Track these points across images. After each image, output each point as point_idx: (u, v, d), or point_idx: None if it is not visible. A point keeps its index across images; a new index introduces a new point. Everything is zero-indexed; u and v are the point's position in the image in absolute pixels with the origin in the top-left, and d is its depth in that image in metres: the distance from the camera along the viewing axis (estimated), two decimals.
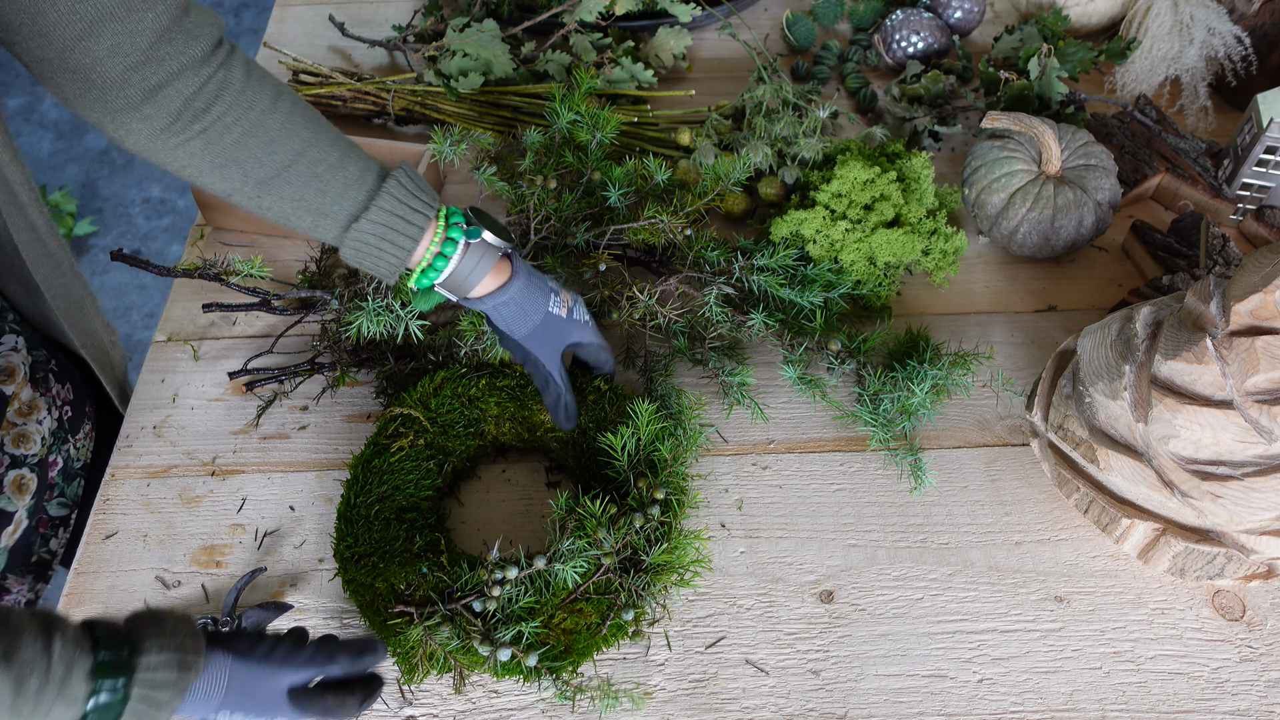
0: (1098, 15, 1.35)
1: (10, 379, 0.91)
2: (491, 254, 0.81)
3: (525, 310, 0.85)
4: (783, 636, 0.84)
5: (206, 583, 0.88)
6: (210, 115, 0.70)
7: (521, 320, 0.85)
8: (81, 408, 1.02)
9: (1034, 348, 1.06)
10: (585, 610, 0.80)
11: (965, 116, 1.28)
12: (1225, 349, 0.76)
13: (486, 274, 0.82)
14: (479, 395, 0.93)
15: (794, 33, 1.41)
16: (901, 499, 0.93)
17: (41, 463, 0.94)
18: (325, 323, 1.02)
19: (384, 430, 0.90)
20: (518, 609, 0.78)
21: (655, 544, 0.82)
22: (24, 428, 0.92)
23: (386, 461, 0.88)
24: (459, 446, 0.92)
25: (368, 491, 0.86)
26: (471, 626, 0.78)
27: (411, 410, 0.91)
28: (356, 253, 0.78)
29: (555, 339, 0.87)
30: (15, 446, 0.91)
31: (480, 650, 0.77)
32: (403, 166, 0.78)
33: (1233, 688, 0.81)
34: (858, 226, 1.02)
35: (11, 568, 0.93)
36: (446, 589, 0.80)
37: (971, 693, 0.81)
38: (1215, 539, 0.81)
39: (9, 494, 0.91)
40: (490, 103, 1.25)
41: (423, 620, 0.78)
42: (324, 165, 0.75)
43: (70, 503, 1.00)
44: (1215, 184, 1.17)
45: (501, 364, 0.96)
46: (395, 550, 0.83)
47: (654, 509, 0.82)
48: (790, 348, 0.98)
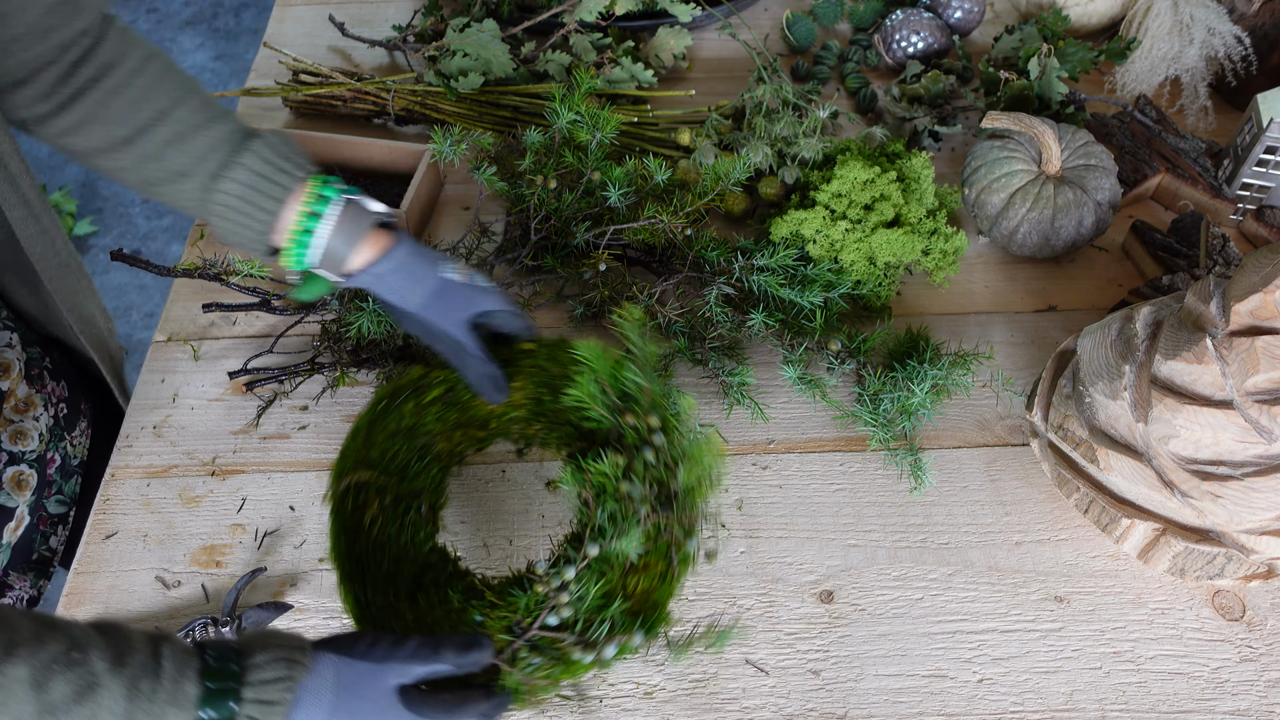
0: (1098, 15, 1.35)
1: (5, 374, 0.91)
2: (366, 219, 0.76)
3: (415, 276, 0.78)
4: (783, 636, 0.84)
5: (206, 583, 0.88)
6: (78, 77, 0.71)
7: (413, 287, 0.78)
8: (77, 405, 1.02)
9: (1034, 348, 1.06)
10: (650, 562, 0.76)
11: (965, 116, 1.28)
12: (1225, 349, 0.76)
13: (363, 240, 0.76)
14: (412, 422, 0.84)
15: (794, 33, 1.41)
16: (901, 499, 0.93)
17: (40, 459, 0.94)
18: (325, 323, 1.02)
19: (343, 510, 0.79)
20: (592, 601, 0.74)
21: (675, 467, 0.76)
22: (21, 424, 0.92)
23: (368, 542, 0.78)
24: (424, 482, 0.85)
25: (369, 582, 0.77)
26: (559, 642, 0.73)
27: (360, 476, 0.81)
28: (223, 220, 0.75)
29: (458, 307, 0.79)
30: (13, 443, 0.91)
31: (584, 659, 0.72)
32: (274, 131, 0.77)
33: (1233, 688, 0.81)
34: (858, 226, 1.02)
35: (14, 565, 0.93)
36: (513, 623, 0.74)
37: (971, 693, 0.81)
38: (1215, 539, 0.81)
39: (9, 489, 0.91)
40: (490, 103, 1.25)
41: (511, 663, 0.71)
42: (188, 126, 0.74)
43: (68, 500, 1.00)
44: (1215, 184, 1.17)
45: (422, 364, 0.86)
46: (436, 619, 0.76)
47: (657, 437, 0.77)
48: (790, 348, 0.98)
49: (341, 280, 0.79)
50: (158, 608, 0.86)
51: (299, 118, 1.32)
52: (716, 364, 1.00)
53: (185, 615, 0.86)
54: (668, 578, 0.76)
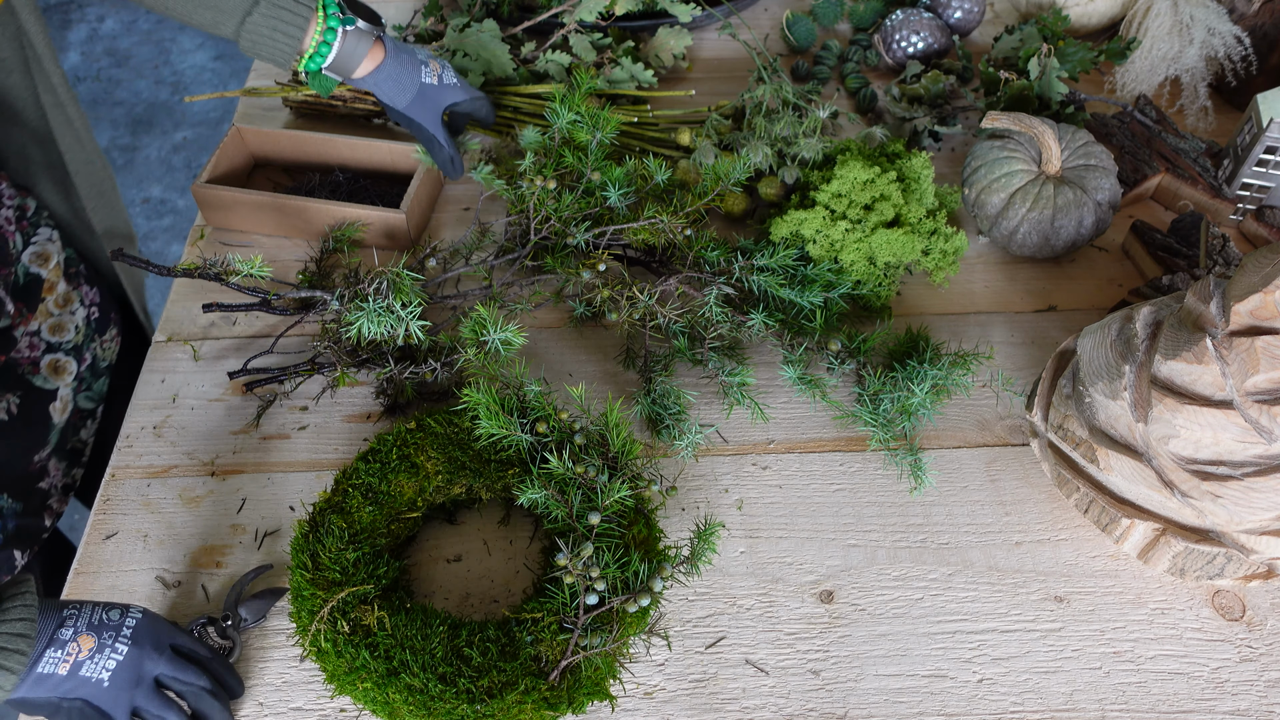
0: (1098, 15, 1.35)
1: (45, 263, 1.02)
2: (366, 38, 0.97)
3: (401, 83, 1.00)
4: (783, 636, 0.84)
5: (206, 583, 0.88)
6: None
7: (400, 92, 1.01)
8: (107, 313, 1.12)
9: (1034, 348, 1.06)
10: (632, 519, 0.83)
11: (965, 116, 1.28)
12: (1225, 349, 0.76)
13: (364, 56, 0.97)
14: (349, 531, 0.84)
15: (794, 33, 1.41)
16: (901, 499, 0.93)
17: (76, 349, 1.05)
18: (325, 323, 1.02)
19: (340, 634, 0.78)
20: (613, 565, 0.78)
21: (605, 439, 0.86)
22: (60, 318, 1.03)
23: (363, 652, 0.77)
24: (390, 575, 0.83)
25: (415, 674, 0.76)
26: (609, 611, 0.78)
27: (335, 596, 0.79)
28: (254, 44, 0.93)
29: (433, 104, 1.03)
30: (52, 334, 1.03)
31: (639, 606, 0.78)
32: None
33: (1233, 688, 0.81)
34: (857, 227, 1.02)
35: (58, 449, 1.04)
36: (562, 619, 0.78)
37: (971, 693, 0.81)
38: (1215, 539, 0.81)
39: (45, 374, 1.00)
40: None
41: (581, 651, 0.76)
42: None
43: (96, 398, 1.09)
44: (1215, 184, 1.17)
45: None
46: (495, 665, 0.77)
47: (577, 423, 0.87)
48: (790, 348, 0.98)
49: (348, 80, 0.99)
50: (158, 608, 0.86)
51: (299, 118, 1.32)
52: (716, 364, 1.00)
53: (185, 615, 0.86)
54: (651, 524, 0.84)
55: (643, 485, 0.85)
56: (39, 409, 1.00)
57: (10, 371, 0.98)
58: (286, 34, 0.92)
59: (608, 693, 0.78)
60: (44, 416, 1.01)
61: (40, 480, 1.02)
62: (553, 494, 0.82)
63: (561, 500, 0.82)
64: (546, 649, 0.77)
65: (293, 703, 0.81)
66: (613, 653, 0.78)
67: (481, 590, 0.88)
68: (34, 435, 1.00)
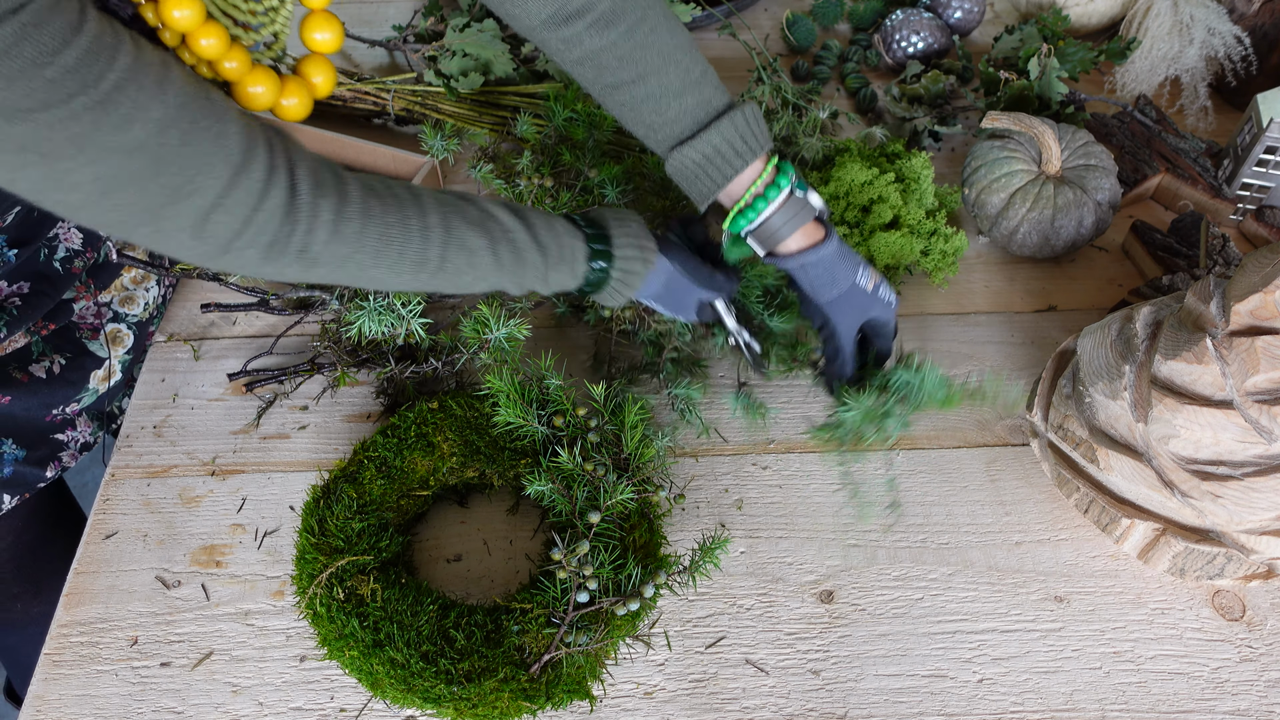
0: (1098, 15, 1.35)
1: (132, 246, 1.03)
2: (807, 212, 0.83)
3: (834, 275, 0.85)
4: (783, 636, 0.84)
5: (206, 583, 0.88)
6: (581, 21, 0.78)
7: (829, 285, 0.85)
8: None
9: (1034, 348, 1.06)
10: (635, 522, 0.83)
11: (965, 116, 1.28)
12: (1225, 349, 0.76)
13: (798, 230, 0.83)
14: (359, 500, 0.85)
15: (794, 33, 1.41)
16: (901, 499, 0.93)
17: (141, 324, 1.05)
18: (325, 323, 1.02)
19: (335, 599, 0.79)
20: (608, 565, 0.78)
21: (618, 438, 0.86)
22: (133, 293, 1.04)
23: (353, 620, 0.78)
24: (393, 550, 0.84)
25: (399, 645, 0.77)
26: (598, 612, 0.77)
27: (336, 562, 0.81)
28: (677, 173, 0.84)
29: (858, 311, 0.87)
30: (121, 306, 1.03)
31: (629, 609, 0.77)
32: (742, 110, 0.81)
33: (1233, 688, 0.81)
34: (855, 230, 1.01)
35: (91, 410, 1.03)
36: (551, 614, 0.78)
37: (971, 693, 0.81)
38: (1215, 539, 0.81)
39: (103, 341, 1.01)
40: (490, 103, 1.25)
41: (564, 647, 0.76)
42: (664, 90, 0.81)
43: None
44: (1215, 184, 1.17)
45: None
46: (475, 648, 0.78)
47: (592, 420, 0.86)
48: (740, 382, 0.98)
49: (765, 258, 0.86)
50: (158, 608, 0.86)
51: None
52: (667, 375, 0.99)
53: (186, 615, 0.86)
54: (654, 528, 0.84)
55: (650, 490, 0.84)
56: (79, 374, 1.01)
57: (68, 334, 1.00)
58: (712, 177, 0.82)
59: (588, 692, 0.77)
60: (81, 380, 1.01)
61: (59, 432, 1.02)
62: (559, 488, 0.83)
63: (566, 495, 0.83)
64: (531, 641, 0.77)
65: (293, 703, 0.81)
66: (597, 653, 0.78)
67: (481, 590, 0.88)
68: (62, 395, 1.00)
